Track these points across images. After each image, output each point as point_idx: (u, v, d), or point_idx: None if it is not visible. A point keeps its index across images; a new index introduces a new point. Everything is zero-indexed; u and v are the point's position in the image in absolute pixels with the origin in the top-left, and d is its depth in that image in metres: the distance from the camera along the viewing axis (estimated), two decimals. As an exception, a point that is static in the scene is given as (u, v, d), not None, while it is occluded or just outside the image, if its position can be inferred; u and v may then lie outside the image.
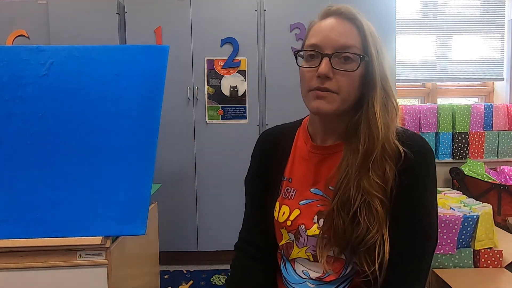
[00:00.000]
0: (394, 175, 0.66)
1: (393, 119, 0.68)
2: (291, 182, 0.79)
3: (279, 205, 0.78)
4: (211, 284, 2.23)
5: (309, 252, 0.74)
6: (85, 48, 1.23)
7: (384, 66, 0.68)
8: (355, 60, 0.66)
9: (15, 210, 1.07)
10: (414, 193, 0.67)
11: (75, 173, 1.12)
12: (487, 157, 2.76)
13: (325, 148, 0.75)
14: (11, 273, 1.05)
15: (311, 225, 0.73)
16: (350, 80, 0.66)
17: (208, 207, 2.43)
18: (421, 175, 0.68)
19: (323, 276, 0.73)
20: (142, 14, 2.33)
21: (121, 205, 1.10)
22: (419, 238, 0.67)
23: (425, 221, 0.68)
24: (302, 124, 0.83)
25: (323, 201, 0.73)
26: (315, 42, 0.67)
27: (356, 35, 0.67)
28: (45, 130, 1.14)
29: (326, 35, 0.66)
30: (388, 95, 0.69)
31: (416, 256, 0.67)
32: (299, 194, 0.77)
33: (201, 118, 2.39)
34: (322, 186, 0.74)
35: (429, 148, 0.70)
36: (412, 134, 0.70)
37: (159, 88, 1.21)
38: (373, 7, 2.35)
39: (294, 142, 0.82)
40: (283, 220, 0.76)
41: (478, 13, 2.90)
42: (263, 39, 2.37)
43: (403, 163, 0.66)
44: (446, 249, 1.96)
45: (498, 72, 2.92)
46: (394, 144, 0.67)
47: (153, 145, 1.16)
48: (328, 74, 0.65)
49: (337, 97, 0.67)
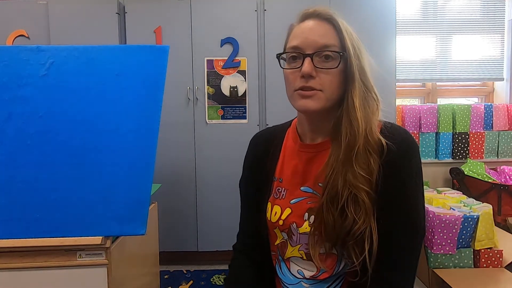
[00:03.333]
0: (379, 167, 0.68)
1: (374, 112, 0.71)
2: (281, 182, 0.80)
3: (271, 206, 0.79)
4: (211, 284, 2.23)
5: (302, 250, 0.75)
6: (85, 48, 1.23)
7: (363, 62, 0.70)
8: (335, 58, 0.68)
9: (15, 210, 1.07)
10: (398, 185, 0.68)
11: (75, 173, 1.12)
12: (487, 157, 2.76)
13: (313, 146, 0.77)
14: (11, 273, 1.05)
15: (302, 223, 0.74)
16: (332, 77, 0.69)
17: (208, 207, 2.43)
18: (404, 167, 0.69)
19: (317, 274, 0.74)
20: (142, 14, 2.33)
21: (121, 205, 1.10)
22: (407, 230, 0.68)
23: (412, 212, 0.69)
24: (292, 125, 0.85)
25: (313, 198, 0.74)
26: (296, 44, 0.70)
27: (334, 34, 0.69)
28: (45, 130, 1.14)
29: (306, 36, 0.69)
30: (368, 89, 0.71)
31: (404, 248, 0.68)
32: (289, 194, 0.78)
33: (201, 118, 2.39)
34: (311, 184, 0.75)
35: (412, 140, 0.71)
36: (396, 127, 0.72)
37: (159, 88, 1.21)
38: (373, 7, 2.34)
39: (284, 142, 0.83)
40: (275, 220, 0.78)
41: (478, 13, 2.91)
42: (263, 39, 2.37)
43: (386, 156, 0.68)
44: (446, 249, 1.96)
45: (498, 72, 2.92)
46: (376, 137, 0.68)
47: (153, 145, 1.16)
48: (312, 73, 0.68)
49: (322, 94, 0.69)
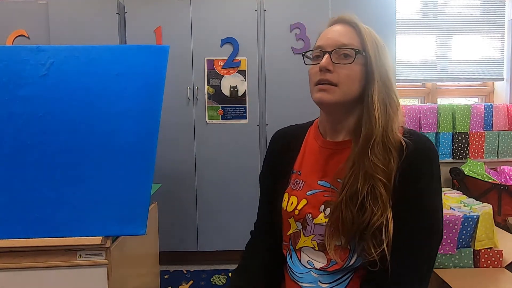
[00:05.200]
0: (398, 166, 0.70)
1: (395, 112, 0.74)
2: (300, 174, 0.84)
3: (288, 196, 0.82)
4: (211, 284, 2.23)
5: (314, 241, 0.78)
6: (85, 48, 1.23)
7: (384, 62, 0.74)
8: (352, 55, 0.73)
9: (15, 210, 1.07)
10: (420, 190, 0.70)
11: (75, 173, 1.12)
12: (487, 157, 2.76)
13: (334, 143, 0.80)
14: (11, 273, 1.05)
15: (317, 214, 0.77)
16: (349, 72, 0.73)
17: (208, 207, 2.42)
18: (426, 173, 0.71)
19: (327, 266, 0.76)
20: (142, 14, 2.33)
21: (121, 205, 1.10)
22: (426, 233, 0.70)
23: (431, 216, 0.71)
24: (314, 124, 0.90)
25: (331, 192, 0.77)
26: (320, 44, 0.77)
27: (354, 36, 0.75)
28: (45, 130, 1.14)
29: (329, 37, 0.76)
30: (389, 90, 0.74)
31: (422, 251, 0.70)
32: (307, 186, 0.81)
33: (201, 118, 2.39)
34: (330, 179, 0.78)
35: (433, 147, 0.74)
36: (418, 134, 0.75)
37: (159, 88, 1.21)
38: (373, 7, 2.34)
39: (305, 138, 0.88)
40: (291, 209, 0.80)
41: (478, 13, 2.90)
42: (263, 39, 2.37)
43: (406, 156, 0.70)
44: (446, 249, 1.96)
45: (498, 72, 2.92)
46: (396, 136, 0.72)
47: (153, 145, 1.16)
48: (328, 66, 0.73)
49: (337, 89, 0.73)
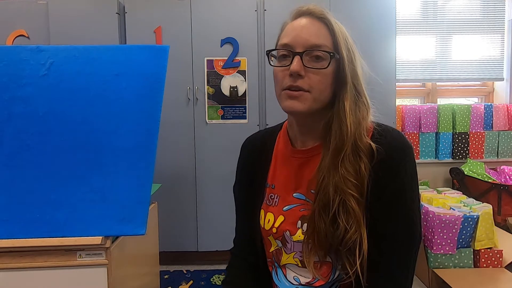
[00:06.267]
0: (369, 171, 0.65)
1: (364, 117, 0.69)
2: (274, 188, 0.78)
3: (264, 213, 0.78)
4: (211, 284, 2.23)
5: (296, 258, 0.74)
6: (85, 48, 1.23)
7: (356, 65, 0.69)
8: (326, 59, 0.66)
9: (15, 210, 1.07)
10: (395, 191, 0.66)
11: (75, 173, 1.12)
12: (487, 157, 2.76)
13: (304, 151, 0.75)
14: (11, 273, 1.05)
15: (295, 231, 0.72)
16: (322, 78, 0.67)
17: (208, 207, 2.42)
18: (400, 172, 0.66)
19: (312, 281, 0.72)
20: (142, 14, 2.33)
21: (121, 205, 1.10)
22: (404, 236, 0.66)
23: (409, 218, 0.67)
24: (283, 128, 0.82)
25: (306, 205, 0.72)
26: (287, 42, 0.68)
27: (326, 35, 0.67)
28: (45, 130, 1.14)
29: (297, 34, 0.67)
30: (359, 93, 0.69)
31: (401, 255, 0.66)
32: (282, 200, 0.76)
33: (201, 118, 2.38)
34: (304, 190, 0.73)
35: (406, 142, 0.68)
36: (388, 130, 0.70)
37: (159, 88, 1.21)
38: (373, 7, 2.33)
39: (275, 146, 0.81)
40: (268, 227, 0.76)
41: (478, 13, 2.91)
42: (263, 39, 2.37)
43: (376, 158, 0.65)
44: (446, 249, 1.96)
45: (498, 72, 2.92)
46: (366, 142, 0.67)
47: (153, 145, 1.16)
48: (300, 72, 0.65)
49: (309, 95, 0.67)
